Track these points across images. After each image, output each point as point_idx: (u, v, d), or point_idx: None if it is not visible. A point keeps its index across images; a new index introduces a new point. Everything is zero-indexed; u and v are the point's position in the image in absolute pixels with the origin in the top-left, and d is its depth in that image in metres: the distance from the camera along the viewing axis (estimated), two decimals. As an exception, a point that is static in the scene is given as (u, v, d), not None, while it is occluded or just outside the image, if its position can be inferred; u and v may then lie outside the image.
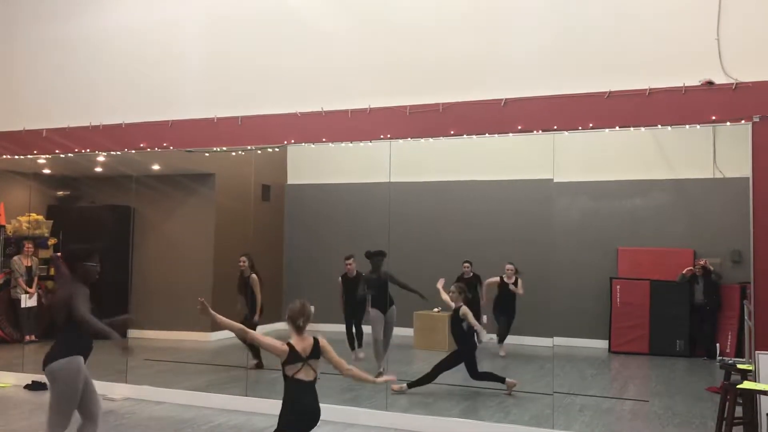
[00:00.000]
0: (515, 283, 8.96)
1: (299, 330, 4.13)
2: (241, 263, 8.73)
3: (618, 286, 9.69)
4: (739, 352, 8.55)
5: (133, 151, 8.23)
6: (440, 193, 10.46)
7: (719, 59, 5.84)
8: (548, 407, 6.56)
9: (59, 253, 10.96)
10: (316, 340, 4.15)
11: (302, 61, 7.45)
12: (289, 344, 4.04)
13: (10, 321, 10.51)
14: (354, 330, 8.82)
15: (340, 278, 8.84)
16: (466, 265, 9.14)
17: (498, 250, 10.00)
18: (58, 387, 4.54)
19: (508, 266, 9.01)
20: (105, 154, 8.56)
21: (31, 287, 10.38)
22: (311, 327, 8.74)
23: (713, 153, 8.40)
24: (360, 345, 8.79)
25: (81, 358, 4.58)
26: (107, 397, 5.82)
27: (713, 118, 5.83)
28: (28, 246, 10.51)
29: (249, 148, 7.86)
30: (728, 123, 5.80)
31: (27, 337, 9.96)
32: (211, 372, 8.52)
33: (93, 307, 4.65)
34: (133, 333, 9.52)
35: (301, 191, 11.43)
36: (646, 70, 6.10)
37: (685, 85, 5.90)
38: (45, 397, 7.51)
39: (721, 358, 8.20)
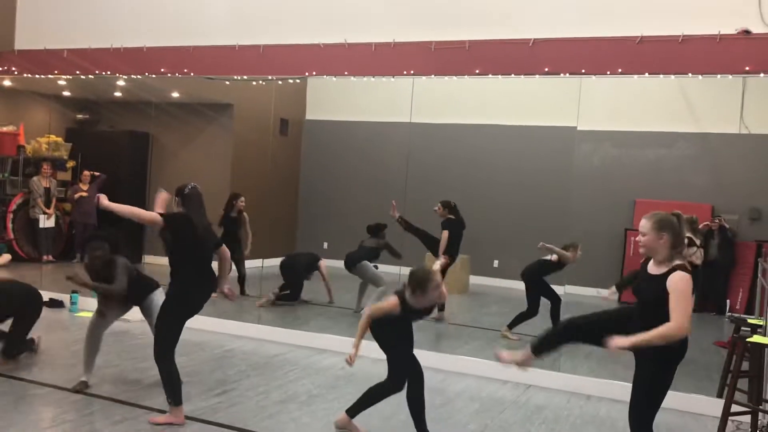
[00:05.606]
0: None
1: None
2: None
3: (632, 238, 9.65)
4: (749, 310, 8.55)
5: (153, 76, 8.17)
6: (461, 137, 10.34)
7: (758, 7, 5.65)
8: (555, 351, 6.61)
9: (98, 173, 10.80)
10: None
11: (327, -10, 7.29)
12: None
13: (29, 240, 10.68)
14: None
15: None
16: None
17: (516, 196, 9.95)
18: None
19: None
20: (125, 77, 8.50)
21: (49, 208, 10.49)
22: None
23: (741, 107, 8.23)
24: None
25: None
26: (122, 319, 5.96)
27: (747, 68, 5.67)
28: (46, 167, 10.58)
29: (270, 78, 7.77)
30: (762, 74, 5.65)
31: (44, 257, 10.14)
32: (225, 301, 8.60)
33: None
34: (148, 258, 9.67)
35: (320, 127, 11.36)
36: (680, 15, 5.91)
37: (721, 33, 5.72)
38: (62, 314, 7.71)
39: (730, 314, 8.22)
